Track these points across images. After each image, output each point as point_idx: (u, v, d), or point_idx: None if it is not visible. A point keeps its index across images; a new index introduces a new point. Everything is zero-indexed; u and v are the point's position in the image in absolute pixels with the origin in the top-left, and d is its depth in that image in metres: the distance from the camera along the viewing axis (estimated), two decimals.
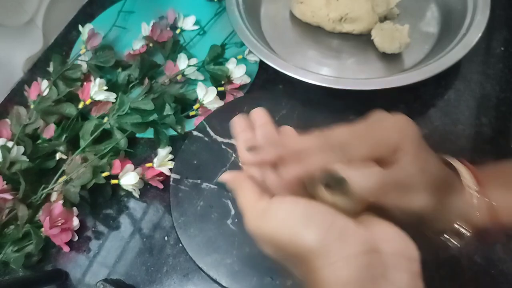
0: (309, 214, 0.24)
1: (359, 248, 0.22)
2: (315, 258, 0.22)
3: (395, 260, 0.23)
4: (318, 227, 0.23)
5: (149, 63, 0.61)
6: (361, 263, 0.22)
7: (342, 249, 0.22)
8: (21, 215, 0.49)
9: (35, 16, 0.67)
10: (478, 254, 0.45)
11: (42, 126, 0.57)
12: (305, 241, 0.23)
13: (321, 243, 0.22)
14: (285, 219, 0.24)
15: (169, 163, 0.53)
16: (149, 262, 0.49)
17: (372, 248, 0.23)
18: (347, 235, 0.23)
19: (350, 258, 0.22)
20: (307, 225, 0.23)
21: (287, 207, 0.25)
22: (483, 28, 0.52)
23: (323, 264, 0.22)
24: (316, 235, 0.22)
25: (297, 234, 0.23)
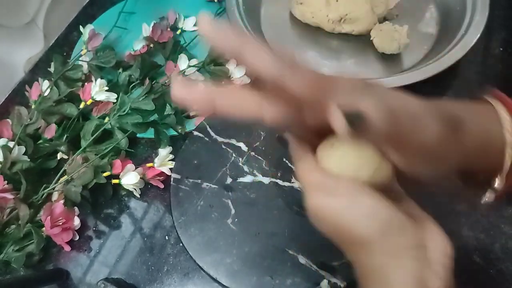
0: (373, 207, 0.26)
1: (413, 243, 0.25)
2: (375, 244, 0.25)
3: (437, 255, 0.26)
4: (383, 221, 0.25)
5: (150, 63, 0.61)
6: (413, 255, 0.25)
7: (400, 240, 0.25)
8: (22, 215, 0.49)
9: (36, 16, 0.67)
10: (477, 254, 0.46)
11: (43, 126, 0.57)
12: (369, 230, 0.25)
13: (383, 233, 0.25)
14: (352, 203, 0.26)
15: (169, 163, 0.53)
16: (149, 261, 0.50)
17: (422, 244, 0.26)
18: (404, 230, 0.26)
19: (405, 250, 0.25)
20: (373, 217, 0.25)
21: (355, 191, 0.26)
22: (481, 29, 0.52)
23: (382, 251, 0.25)
24: (380, 228, 0.25)
25: (359, 222, 0.25)
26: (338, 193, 0.26)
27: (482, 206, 0.48)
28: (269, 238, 0.46)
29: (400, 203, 0.27)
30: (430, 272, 0.25)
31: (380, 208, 0.26)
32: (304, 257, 0.44)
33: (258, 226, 0.46)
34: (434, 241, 0.26)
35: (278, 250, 0.45)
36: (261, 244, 0.45)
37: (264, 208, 0.48)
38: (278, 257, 0.45)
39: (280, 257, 0.44)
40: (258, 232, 0.46)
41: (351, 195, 0.26)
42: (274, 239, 0.45)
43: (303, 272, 0.43)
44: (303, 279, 0.43)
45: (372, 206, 0.26)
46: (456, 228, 0.47)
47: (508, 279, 0.44)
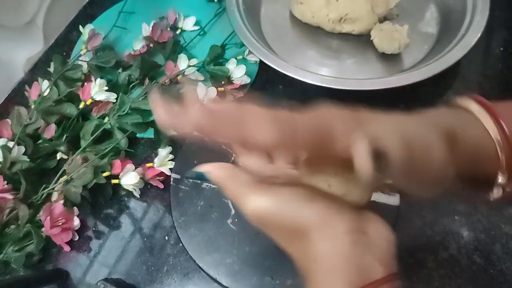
0: (310, 195, 0.26)
1: (351, 227, 0.26)
2: (314, 232, 0.26)
3: (378, 241, 0.26)
4: (319, 206, 0.26)
5: (150, 63, 0.61)
6: (352, 239, 0.25)
7: (338, 226, 0.25)
8: (22, 215, 0.49)
9: (36, 16, 0.67)
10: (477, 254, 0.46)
11: (42, 126, 0.57)
12: (307, 217, 0.26)
13: (321, 220, 0.26)
14: (290, 199, 0.26)
15: (169, 163, 0.53)
16: (149, 262, 0.49)
17: (361, 229, 0.26)
18: (343, 214, 0.26)
19: (343, 234, 0.25)
20: (310, 204, 0.26)
21: (290, 189, 0.27)
22: (482, 29, 0.52)
23: (320, 237, 0.25)
24: (317, 212, 0.26)
25: (301, 212, 0.26)
26: (271, 192, 0.27)
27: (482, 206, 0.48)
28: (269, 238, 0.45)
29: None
30: (371, 259, 0.25)
31: (316, 196, 0.26)
32: None
33: None
34: (374, 228, 0.26)
35: (278, 250, 0.45)
36: (261, 244, 0.45)
37: None
38: (279, 257, 0.44)
39: (280, 257, 0.44)
40: (258, 232, 0.46)
41: (285, 190, 0.27)
42: None
43: None
44: None
45: (307, 195, 0.26)
46: (457, 228, 0.47)
47: (508, 280, 0.44)
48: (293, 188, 0.27)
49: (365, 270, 0.24)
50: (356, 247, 0.25)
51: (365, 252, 0.25)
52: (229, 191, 0.28)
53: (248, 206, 0.27)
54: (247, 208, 0.27)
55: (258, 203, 0.27)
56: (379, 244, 0.26)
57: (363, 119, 0.26)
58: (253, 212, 0.27)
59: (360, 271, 0.24)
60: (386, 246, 0.26)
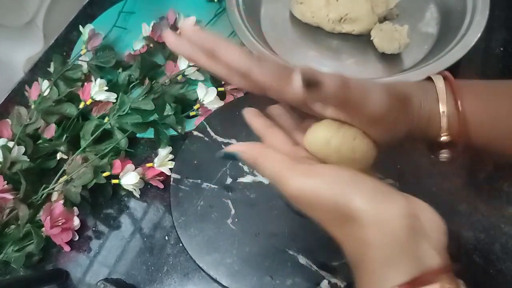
0: (355, 178, 0.25)
1: (404, 211, 0.24)
2: (364, 216, 0.24)
3: (431, 229, 0.24)
4: (367, 190, 0.25)
5: (150, 63, 0.61)
6: (406, 224, 0.24)
7: (390, 210, 0.24)
8: (22, 215, 0.49)
9: (36, 16, 0.67)
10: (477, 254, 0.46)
11: (42, 126, 0.57)
12: (355, 200, 0.24)
13: (371, 203, 0.24)
14: (335, 181, 0.25)
15: (169, 163, 0.53)
16: (149, 262, 0.49)
17: (414, 214, 0.24)
18: (392, 198, 0.24)
19: (397, 219, 0.24)
20: (357, 187, 0.25)
21: (333, 171, 0.26)
22: (482, 29, 0.52)
23: (373, 222, 0.24)
24: (365, 196, 0.24)
25: (347, 196, 0.24)
26: (315, 173, 0.26)
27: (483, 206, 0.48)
28: (269, 238, 0.46)
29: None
30: (428, 246, 0.24)
31: (362, 178, 0.25)
32: (304, 257, 0.44)
33: (258, 226, 0.46)
34: (427, 214, 0.25)
35: (278, 250, 0.45)
36: (261, 244, 0.45)
37: (264, 208, 0.47)
38: (278, 257, 0.44)
39: (280, 257, 0.44)
40: (258, 232, 0.46)
41: (328, 172, 0.26)
42: (274, 239, 0.45)
43: (303, 272, 0.43)
44: (303, 279, 0.43)
45: (353, 178, 0.25)
46: (456, 228, 0.47)
47: (508, 279, 0.44)
48: (335, 168, 0.26)
49: (423, 259, 0.23)
50: (412, 233, 0.23)
51: (422, 239, 0.24)
52: (266, 170, 0.27)
53: (290, 186, 0.26)
54: (289, 188, 0.26)
55: (301, 184, 0.25)
56: (432, 230, 0.24)
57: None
58: (296, 193, 0.26)
59: (418, 259, 0.23)
60: (441, 237, 0.25)
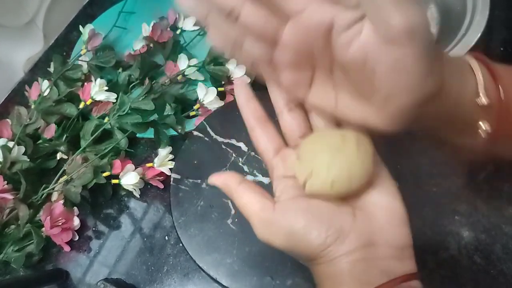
0: (310, 219, 0.26)
1: (356, 244, 0.25)
2: (319, 256, 0.26)
3: (388, 251, 0.25)
4: (319, 231, 0.25)
5: (150, 63, 0.61)
6: (358, 257, 0.25)
7: (341, 247, 0.25)
8: (22, 215, 0.49)
9: (36, 16, 0.67)
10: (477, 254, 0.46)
11: (42, 126, 0.57)
12: (310, 245, 0.26)
13: (323, 245, 0.25)
14: (290, 228, 0.26)
15: (169, 163, 0.53)
16: (149, 262, 0.49)
17: (367, 242, 0.25)
18: (344, 233, 0.25)
19: (348, 254, 0.25)
20: (310, 231, 0.26)
21: (290, 216, 0.27)
22: (482, 29, 0.52)
23: (326, 260, 0.26)
24: (318, 239, 0.25)
25: (302, 240, 0.26)
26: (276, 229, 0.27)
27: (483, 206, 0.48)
28: None
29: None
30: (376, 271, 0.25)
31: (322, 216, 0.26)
32: None
33: None
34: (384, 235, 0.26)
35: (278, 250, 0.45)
36: (261, 244, 0.45)
37: None
38: (279, 257, 0.44)
39: (281, 257, 0.44)
40: None
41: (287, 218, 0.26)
42: None
43: (304, 273, 0.43)
44: (304, 279, 0.43)
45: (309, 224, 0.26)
46: (457, 228, 0.47)
47: (509, 280, 0.44)
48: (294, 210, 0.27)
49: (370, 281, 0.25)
50: (364, 264, 0.25)
51: (369, 267, 0.25)
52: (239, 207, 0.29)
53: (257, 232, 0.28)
54: (256, 233, 0.28)
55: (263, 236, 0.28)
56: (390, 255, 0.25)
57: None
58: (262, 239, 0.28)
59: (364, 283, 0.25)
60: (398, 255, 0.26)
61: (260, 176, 0.50)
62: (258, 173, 0.50)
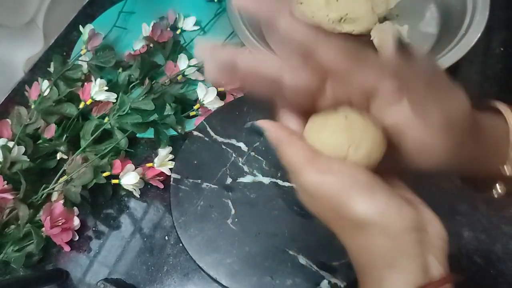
0: (372, 184, 0.25)
1: (413, 225, 0.25)
2: (373, 226, 0.24)
3: (437, 241, 0.26)
4: (381, 200, 0.25)
5: (150, 63, 0.61)
6: (414, 237, 0.25)
7: (399, 223, 0.24)
8: (22, 215, 0.49)
9: (36, 16, 0.67)
10: (477, 254, 0.46)
11: (42, 126, 0.57)
12: (367, 210, 0.24)
13: (382, 215, 0.24)
14: (350, 184, 0.25)
15: (169, 163, 0.53)
16: (149, 262, 0.49)
17: (422, 227, 0.25)
18: (403, 211, 0.25)
19: (406, 232, 0.24)
20: (371, 196, 0.25)
21: (352, 172, 0.25)
22: (482, 29, 0.52)
23: (381, 233, 0.24)
24: (378, 207, 0.24)
25: (361, 203, 0.24)
26: (333, 171, 0.25)
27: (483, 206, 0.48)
28: (269, 238, 0.46)
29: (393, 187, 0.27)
30: (433, 258, 0.25)
31: (378, 188, 0.25)
32: (304, 257, 0.44)
33: (258, 226, 0.46)
34: (433, 226, 0.26)
35: (278, 250, 0.45)
36: (261, 244, 0.45)
37: (264, 208, 0.47)
38: (278, 257, 0.44)
39: (280, 257, 0.44)
40: (258, 232, 0.46)
41: (347, 173, 0.25)
42: (274, 239, 0.45)
43: (303, 273, 0.43)
44: (303, 279, 0.43)
45: (369, 186, 0.25)
46: (457, 228, 0.47)
47: (509, 280, 0.44)
48: (353, 169, 0.25)
49: (427, 269, 0.24)
50: (419, 246, 0.25)
51: (427, 251, 0.25)
52: (286, 157, 0.26)
53: (306, 180, 0.25)
54: (304, 181, 0.25)
55: (317, 180, 0.25)
56: (438, 243, 0.26)
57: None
58: (309, 188, 0.25)
59: (422, 270, 0.24)
60: (444, 247, 0.26)
61: (260, 176, 0.50)
62: (258, 173, 0.50)
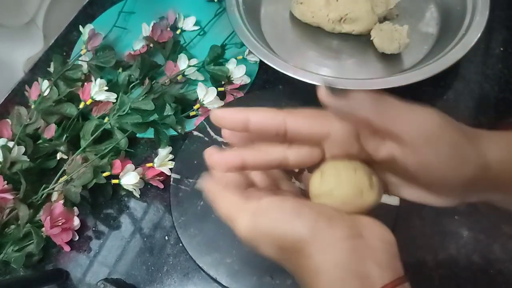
0: (298, 207, 0.26)
1: (346, 233, 0.25)
2: (307, 246, 0.25)
3: (377, 243, 0.25)
4: (308, 217, 0.25)
5: (150, 63, 0.61)
6: (348, 246, 0.24)
7: (331, 235, 0.24)
8: (22, 215, 0.49)
9: (36, 16, 0.67)
10: (476, 254, 0.46)
11: (42, 126, 0.57)
12: (298, 232, 0.25)
13: (312, 232, 0.25)
14: (277, 215, 0.26)
15: (169, 163, 0.53)
16: (149, 262, 0.49)
17: (356, 234, 0.25)
18: (334, 222, 0.25)
19: (338, 242, 0.24)
20: (298, 217, 0.25)
21: (277, 204, 0.26)
22: (482, 29, 0.52)
23: (315, 250, 0.24)
24: (306, 225, 0.25)
25: (290, 227, 0.25)
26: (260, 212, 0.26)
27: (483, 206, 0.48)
28: None
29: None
30: (372, 264, 0.24)
31: (304, 207, 0.26)
32: None
33: None
34: (371, 230, 0.25)
35: None
36: None
37: None
38: None
39: None
40: None
41: (272, 208, 0.26)
42: None
43: None
44: None
45: (295, 207, 0.26)
46: (456, 228, 0.47)
47: (508, 280, 0.44)
48: (279, 201, 0.26)
49: (368, 277, 0.23)
50: (353, 253, 0.24)
51: (364, 257, 0.24)
52: (220, 210, 0.29)
53: (239, 227, 0.27)
54: (238, 228, 0.27)
55: (247, 222, 0.27)
56: (379, 247, 0.24)
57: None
58: (245, 233, 0.27)
59: (363, 279, 0.23)
60: (388, 249, 0.25)
61: None
62: None
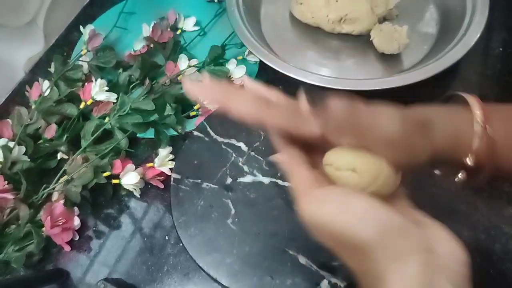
0: (369, 210, 0.24)
1: (417, 245, 0.23)
2: (375, 251, 0.23)
3: (449, 261, 0.24)
4: (378, 222, 0.24)
5: (150, 63, 0.61)
6: (420, 260, 0.23)
7: (401, 245, 0.23)
8: (22, 215, 0.49)
9: (37, 16, 0.67)
10: (477, 254, 0.46)
11: (43, 126, 0.57)
12: (366, 234, 0.23)
13: (381, 237, 0.23)
14: (345, 208, 0.24)
15: (169, 163, 0.53)
16: (149, 262, 0.49)
17: (428, 248, 0.24)
18: (406, 232, 0.24)
19: (410, 254, 0.23)
20: (367, 219, 0.24)
21: (347, 197, 0.25)
22: (481, 29, 0.52)
23: (383, 256, 0.23)
24: (375, 229, 0.23)
25: (355, 226, 0.24)
26: (328, 200, 0.25)
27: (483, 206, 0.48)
28: (269, 238, 0.46)
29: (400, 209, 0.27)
30: (444, 281, 0.23)
31: (376, 210, 0.24)
32: (304, 257, 0.44)
33: (258, 226, 0.46)
34: (444, 247, 0.24)
35: (278, 250, 0.45)
36: (261, 244, 0.45)
37: (264, 208, 0.48)
38: (278, 257, 0.45)
39: (280, 257, 0.44)
40: (258, 232, 0.46)
41: (342, 200, 0.25)
42: (274, 239, 0.45)
43: (303, 272, 0.43)
44: (303, 279, 0.43)
45: (366, 208, 0.24)
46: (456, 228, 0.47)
47: (508, 280, 0.44)
48: (351, 196, 0.25)
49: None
50: (426, 269, 0.23)
51: (437, 274, 0.23)
52: (292, 185, 0.28)
53: (302, 207, 0.26)
54: (303, 212, 0.26)
55: (314, 210, 0.26)
56: (451, 265, 0.24)
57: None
58: (307, 217, 0.26)
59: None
60: (459, 268, 0.24)
61: (260, 176, 0.50)
62: (258, 173, 0.50)
